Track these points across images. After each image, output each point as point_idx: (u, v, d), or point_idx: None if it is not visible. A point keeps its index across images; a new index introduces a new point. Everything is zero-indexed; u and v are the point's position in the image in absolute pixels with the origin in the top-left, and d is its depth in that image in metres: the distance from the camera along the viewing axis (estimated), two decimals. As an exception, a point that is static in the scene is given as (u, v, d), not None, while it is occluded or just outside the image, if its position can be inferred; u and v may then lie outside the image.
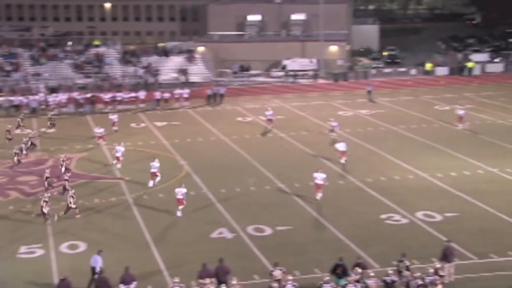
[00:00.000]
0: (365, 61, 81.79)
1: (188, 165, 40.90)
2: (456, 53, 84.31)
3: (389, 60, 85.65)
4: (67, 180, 35.94)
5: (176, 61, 75.31)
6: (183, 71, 72.30)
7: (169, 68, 73.87)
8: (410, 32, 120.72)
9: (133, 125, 53.27)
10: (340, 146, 41.15)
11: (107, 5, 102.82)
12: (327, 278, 23.29)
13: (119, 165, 40.33)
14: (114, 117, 51.31)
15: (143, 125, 53.34)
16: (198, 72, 73.68)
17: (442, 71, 75.99)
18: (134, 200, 34.76)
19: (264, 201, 34.51)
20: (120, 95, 60.85)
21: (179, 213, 32.31)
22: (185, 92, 61.49)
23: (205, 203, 34.22)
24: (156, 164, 37.03)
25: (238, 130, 50.74)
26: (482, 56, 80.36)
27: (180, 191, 32.58)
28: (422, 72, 76.05)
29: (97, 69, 71.49)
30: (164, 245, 28.82)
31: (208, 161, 42.01)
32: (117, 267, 25.27)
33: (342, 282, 23.56)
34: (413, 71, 76.21)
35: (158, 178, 36.85)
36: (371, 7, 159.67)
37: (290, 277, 23.50)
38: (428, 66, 76.25)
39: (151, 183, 36.76)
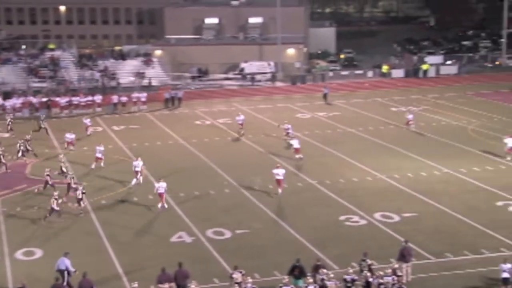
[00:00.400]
0: (322, 63, 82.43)
1: (147, 169, 40.62)
2: (412, 56, 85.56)
3: (346, 63, 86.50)
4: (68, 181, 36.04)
5: (133, 64, 74.88)
6: (141, 75, 71.91)
7: (126, 71, 73.39)
8: (366, 35, 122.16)
9: (90, 129, 52.68)
10: (295, 143, 41.95)
11: (62, 8, 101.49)
12: (286, 280, 23.40)
13: (102, 164, 39.97)
14: (87, 121, 50.72)
15: (100, 129, 52.79)
16: (155, 75, 73.33)
17: (398, 73, 76.99)
18: (92, 205, 34.38)
19: (223, 204, 34.49)
20: (76, 99, 60.13)
21: (160, 206, 33.26)
22: (143, 95, 61.10)
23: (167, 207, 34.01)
24: (139, 163, 37.52)
25: (197, 134, 50.60)
26: (437, 58, 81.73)
27: (162, 185, 33.48)
28: (378, 74, 76.93)
29: (53, 73, 70.60)
30: (122, 249, 28.58)
31: (167, 164, 41.79)
32: (78, 271, 25.01)
33: (300, 283, 23.69)
34: (370, 74, 77.05)
35: (138, 178, 36.88)
36: (327, 10, 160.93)
37: (249, 280, 23.54)
38: (385, 68, 77.19)
39: (134, 181, 36.96)
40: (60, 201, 32.49)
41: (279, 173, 35.48)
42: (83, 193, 33.37)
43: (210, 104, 63.64)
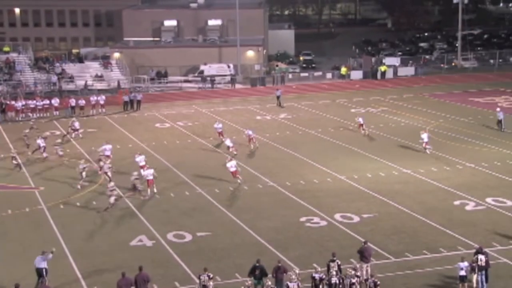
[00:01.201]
0: (281, 65, 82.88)
1: (105, 172, 40.28)
2: (370, 57, 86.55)
3: (305, 65, 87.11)
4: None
5: (91, 67, 74.23)
6: (99, 78, 71.32)
7: (84, 74, 72.71)
8: (325, 37, 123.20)
9: (47, 133, 52.00)
10: (228, 142, 43.07)
11: (17, 10, 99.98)
12: (249, 282, 23.41)
13: (108, 162, 39.46)
14: (76, 124, 50.59)
15: (58, 133, 52.14)
16: (114, 78, 72.81)
17: (356, 74, 77.87)
18: (49, 210, 33.97)
19: (184, 207, 34.39)
20: (33, 103, 59.33)
21: (149, 192, 35.83)
22: (101, 98, 60.54)
23: (124, 211, 33.79)
24: (142, 157, 39.42)
25: (157, 136, 50.35)
26: (394, 60, 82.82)
27: (149, 172, 36.02)
28: (337, 76, 77.68)
29: (8, 76, 69.52)
30: (81, 254, 28.26)
31: (127, 167, 41.45)
32: (32, 279, 24.68)
33: (261, 283, 23.73)
34: (329, 75, 77.80)
35: (151, 171, 36.66)
36: (286, 12, 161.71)
37: (211, 283, 23.51)
38: (343, 70, 77.97)
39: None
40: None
41: (232, 165, 37.63)
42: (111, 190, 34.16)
43: (170, 107, 63.40)
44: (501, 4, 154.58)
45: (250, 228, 31.07)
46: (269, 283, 23.18)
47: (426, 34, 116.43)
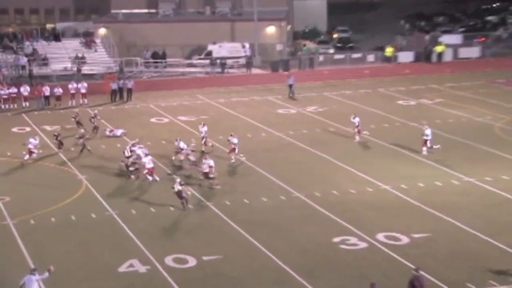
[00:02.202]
0: (310, 45, 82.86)
1: (88, 180, 40.54)
2: (423, 35, 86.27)
3: (340, 44, 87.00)
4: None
5: (70, 47, 74.65)
6: (80, 60, 71.67)
7: (61, 56, 73.13)
8: (366, 8, 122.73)
9: (14, 130, 52.43)
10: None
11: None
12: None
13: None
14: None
15: (27, 129, 52.50)
16: (99, 61, 73.15)
17: (406, 56, 77.67)
18: (17, 226, 34.24)
19: (187, 223, 34.53)
20: (-3, 91, 59.79)
21: (151, 178, 39.80)
22: (83, 86, 60.89)
23: (111, 228, 33.98)
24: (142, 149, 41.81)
25: (152, 134, 50.54)
26: (454, 38, 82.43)
27: (149, 159, 39.91)
28: (381, 58, 77.50)
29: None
30: (58, 282, 28.43)
31: (114, 173, 41.70)
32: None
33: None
34: (371, 58, 77.60)
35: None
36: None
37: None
38: (389, 51, 77.78)
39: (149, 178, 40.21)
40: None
41: (234, 140, 42.86)
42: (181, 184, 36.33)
43: (169, 97, 63.62)
44: None
45: (269, 250, 31.11)
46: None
47: (495, 5, 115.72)
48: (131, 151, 41.46)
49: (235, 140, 43.75)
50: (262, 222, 34.47)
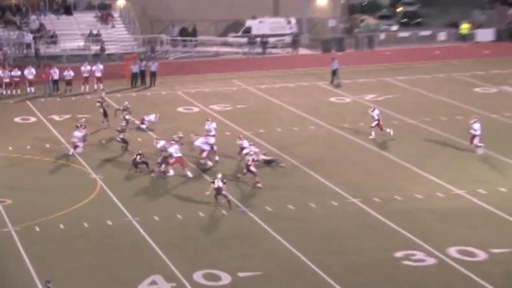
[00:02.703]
0: (369, 21, 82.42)
1: (104, 180, 40.78)
2: (506, 8, 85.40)
3: (405, 20, 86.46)
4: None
5: (84, 22, 74.87)
6: (95, 38, 71.94)
7: (72, 32, 73.41)
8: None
9: (17, 120, 52.90)
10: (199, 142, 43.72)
11: None
12: None
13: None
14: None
15: (33, 119, 53.01)
16: (117, 38, 73.39)
17: (485, 34, 76.92)
18: (20, 234, 34.54)
19: (219, 232, 34.62)
20: (-4, 75, 60.29)
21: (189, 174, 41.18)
22: (98, 69, 61.16)
23: (130, 238, 34.19)
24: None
25: (179, 126, 50.62)
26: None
27: (175, 148, 40.94)
28: (455, 36, 76.87)
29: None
30: (67, 301, 28.74)
31: (134, 173, 41.91)
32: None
33: None
34: (442, 35, 76.99)
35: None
36: None
37: None
38: (464, 28, 77.15)
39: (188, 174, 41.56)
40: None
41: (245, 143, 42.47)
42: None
43: (199, 82, 63.78)
44: None
45: (318, 266, 31.07)
46: None
47: None
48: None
49: (245, 143, 43.26)
50: (309, 232, 34.44)
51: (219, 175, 37.07)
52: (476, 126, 44.14)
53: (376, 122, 47.62)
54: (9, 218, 36.39)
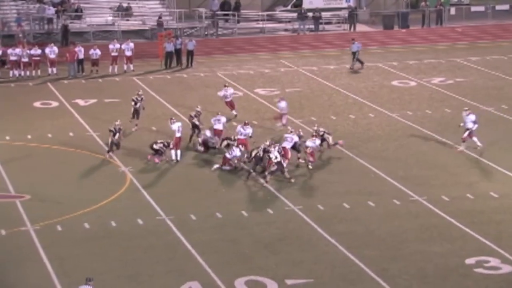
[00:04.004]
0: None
1: (134, 173, 40.94)
2: None
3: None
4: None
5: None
6: (125, 11, 72.20)
7: (99, 6, 73.77)
8: None
9: (37, 104, 53.26)
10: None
11: None
12: None
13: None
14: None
15: (55, 104, 53.34)
16: (149, 12, 73.64)
17: None
18: (40, 234, 34.77)
19: (264, 233, 34.62)
20: (14, 53, 60.51)
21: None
22: (128, 47, 61.38)
23: (163, 239, 34.30)
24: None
25: (222, 113, 50.70)
26: None
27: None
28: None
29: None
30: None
31: (168, 165, 42.04)
32: None
33: None
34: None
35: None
36: None
37: None
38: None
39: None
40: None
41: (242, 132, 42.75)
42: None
43: (243, 62, 63.82)
44: None
45: (377, 274, 31.01)
46: None
47: None
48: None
49: (248, 130, 43.38)
50: (368, 234, 34.40)
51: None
52: (470, 117, 43.08)
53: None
54: (27, 215, 36.65)
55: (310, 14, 73.50)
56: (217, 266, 31.74)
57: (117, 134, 42.63)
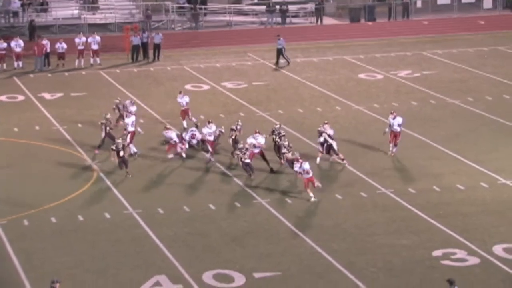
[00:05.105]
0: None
1: (101, 167, 40.87)
2: None
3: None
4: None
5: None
6: (91, 5, 71.95)
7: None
8: None
9: (2, 98, 53.05)
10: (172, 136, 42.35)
11: None
12: None
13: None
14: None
15: (21, 98, 53.16)
16: (116, 5, 73.40)
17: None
18: (6, 228, 34.67)
19: (232, 228, 34.70)
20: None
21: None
22: (94, 40, 61.19)
23: (131, 233, 34.29)
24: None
25: (189, 107, 50.70)
26: None
27: (210, 131, 41.26)
28: (503, 4, 76.46)
29: None
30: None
31: (139, 161, 41.94)
32: None
33: None
34: (488, 3, 76.63)
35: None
36: None
37: None
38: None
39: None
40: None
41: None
42: None
43: (210, 56, 63.77)
44: None
45: (344, 266, 31.10)
46: None
47: None
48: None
49: (213, 129, 42.41)
50: (335, 227, 34.47)
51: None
52: (396, 120, 41.91)
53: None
54: (-7, 210, 36.60)
55: (277, 7, 73.48)
56: (184, 259, 31.77)
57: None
